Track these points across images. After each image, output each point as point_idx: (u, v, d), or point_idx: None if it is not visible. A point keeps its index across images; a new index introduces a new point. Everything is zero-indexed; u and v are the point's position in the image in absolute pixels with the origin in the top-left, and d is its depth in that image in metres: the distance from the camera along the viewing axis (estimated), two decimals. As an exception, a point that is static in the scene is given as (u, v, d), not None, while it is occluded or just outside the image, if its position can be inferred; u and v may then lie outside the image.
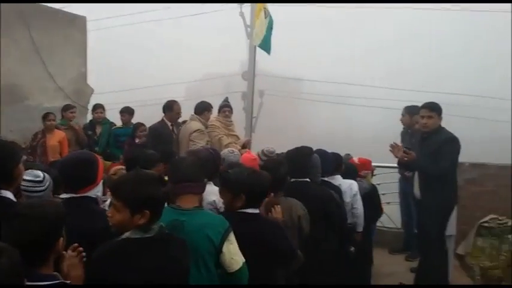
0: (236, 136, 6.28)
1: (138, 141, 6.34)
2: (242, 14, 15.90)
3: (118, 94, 18.75)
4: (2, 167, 2.36)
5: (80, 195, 2.51)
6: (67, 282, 1.91)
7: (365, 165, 5.31)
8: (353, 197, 4.43)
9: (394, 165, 6.46)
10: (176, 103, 6.35)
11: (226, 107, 6.28)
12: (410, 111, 6.14)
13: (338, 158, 4.62)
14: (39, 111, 6.74)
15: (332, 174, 4.38)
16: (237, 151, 4.62)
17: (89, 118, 7.57)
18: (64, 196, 2.53)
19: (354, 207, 4.43)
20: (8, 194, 2.39)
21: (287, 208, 3.26)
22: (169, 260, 2.13)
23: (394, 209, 6.79)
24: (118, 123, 7.19)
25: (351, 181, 4.54)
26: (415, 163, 4.60)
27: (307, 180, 3.74)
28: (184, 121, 6.30)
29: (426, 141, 4.64)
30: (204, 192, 2.83)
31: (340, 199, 4.09)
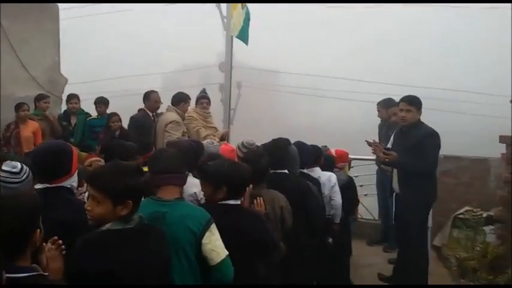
0: (214, 128, 6.23)
1: (112, 128, 6.33)
2: (218, 5, 15.78)
3: (93, 84, 18.44)
4: None
5: (55, 185, 2.46)
6: (45, 274, 1.86)
7: (342, 157, 5.34)
8: (331, 189, 4.44)
9: (372, 157, 6.54)
10: (153, 92, 6.26)
11: (204, 99, 6.22)
12: (385, 105, 6.21)
13: (317, 151, 4.62)
14: (11, 101, 6.55)
15: (311, 166, 4.38)
16: (217, 142, 4.59)
17: (63, 108, 7.41)
18: (38, 186, 2.48)
19: (332, 199, 4.44)
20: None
21: (269, 200, 3.24)
22: (150, 251, 2.13)
23: (372, 201, 6.86)
24: (92, 113, 7.05)
25: (330, 173, 4.56)
26: (398, 163, 4.54)
27: (285, 171, 3.73)
28: (161, 112, 6.22)
29: (405, 134, 4.64)
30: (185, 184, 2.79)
31: (318, 191, 4.09)
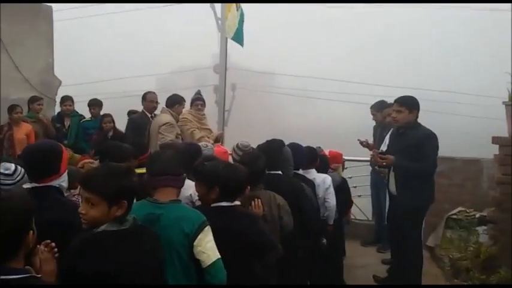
0: (209, 130, 6.23)
1: (104, 129, 6.42)
2: (213, 7, 15.81)
3: (87, 86, 18.38)
4: None
5: (43, 184, 2.45)
6: (38, 276, 1.85)
7: (336, 158, 5.35)
8: (326, 191, 4.46)
9: (366, 158, 6.57)
10: (149, 93, 6.28)
11: (198, 100, 6.22)
12: (378, 107, 6.25)
13: (313, 153, 4.62)
14: (4, 103, 6.53)
15: (307, 168, 4.39)
16: (211, 145, 4.60)
17: (57, 110, 7.39)
18: (27, 186, 2.47)
19: (327, 200, 4.45)
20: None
21: (266, 201, 3.26)
22: (145, 252, 2.14)
23: (366, 202, 6.88)
24: (86, 115, 7.04)
25: (325, 175, 4.57)
26: (397, 165, 4.54)
27: (279, 173, 3.74)
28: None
29: (402, 135, 4.64)
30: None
31: (312, 192, 4.10)
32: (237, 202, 2.86)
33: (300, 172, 4.23)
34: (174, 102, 5.91)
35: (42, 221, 1.96)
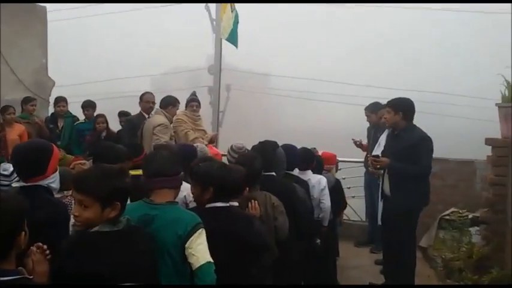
0: (203, 131, 6.22)
1: (97, 129, 6.45)
2: (208, 8, 15.79)
3: (81, 86, 18.33)
4: None
5: (30, 184, 2.43)
6: (30, 277, 1.85)
7: (329, 159, 5.35)
8: (321, 192, 4.46)
9: (359, 159, 6.59)
10: (146, 93, 6.26)
11: (193, 101, 6.22)
12: (372, 109, 6.27)
13: (310, 154, 4.62)
14: (-3, 103, 6.50)
15: (304, 169, 4.40)
16: (204, 147, 4.59)
17: (51, 111, 7.35)
18: (15, 185, 2.46)
19: (322, 201, 4.46)
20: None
21: (262, 202, 3.26)
22: (140, 253, 2.13)
23: (359, 203, 6.90)
24: (80, 116, 7.01)
25: (320, 176, 4.57)
26: (391, 167, 4.57)
27: (273, 174, 3.74)
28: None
29: (398, 137, 4.66)
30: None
31: (306, 193, 4.10)
32: (234, 203, 2.85)
33: (295, 173, 4.24)
34: (168, 103, 5.90)
35: (30, 220, 1.94)
